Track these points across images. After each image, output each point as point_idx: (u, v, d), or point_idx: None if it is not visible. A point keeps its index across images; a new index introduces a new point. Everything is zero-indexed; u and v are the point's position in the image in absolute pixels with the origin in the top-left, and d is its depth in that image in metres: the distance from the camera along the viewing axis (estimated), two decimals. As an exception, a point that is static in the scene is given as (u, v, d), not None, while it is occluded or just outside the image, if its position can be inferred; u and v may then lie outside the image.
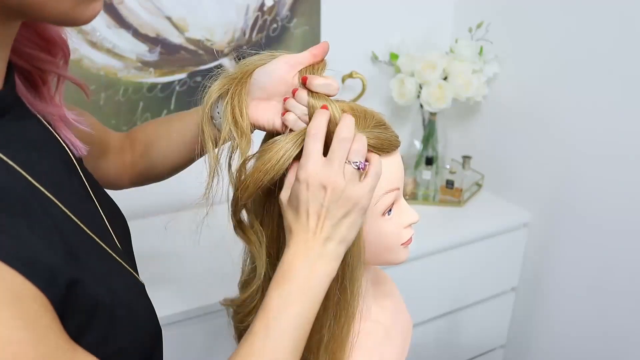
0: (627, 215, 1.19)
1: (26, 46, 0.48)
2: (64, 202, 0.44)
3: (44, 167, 0.45)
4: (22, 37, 0.47)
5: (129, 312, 0.47)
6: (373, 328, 0.68)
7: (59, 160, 0.50)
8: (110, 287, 0.45)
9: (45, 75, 0.50)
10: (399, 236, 0.63)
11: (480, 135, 1.55)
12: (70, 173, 0.51)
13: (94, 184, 0.55)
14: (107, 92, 1.21)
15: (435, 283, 1.34)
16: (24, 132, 0.45)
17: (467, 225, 1.36)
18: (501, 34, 1.39)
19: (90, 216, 0.49)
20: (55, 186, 0.44)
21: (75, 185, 0.51)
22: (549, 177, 1.36)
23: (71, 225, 0.44)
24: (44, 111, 0.50)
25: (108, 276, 0.47)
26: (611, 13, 1.13)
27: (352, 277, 0.59)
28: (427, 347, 1.42)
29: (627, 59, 1.12)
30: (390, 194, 0.60)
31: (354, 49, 1.47)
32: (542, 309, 1.46)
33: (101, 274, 0.45)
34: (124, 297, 0.47)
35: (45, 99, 0.51)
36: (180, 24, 1.23)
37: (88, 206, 0.51)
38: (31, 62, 0.49)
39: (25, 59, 0.48)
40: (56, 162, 0.49)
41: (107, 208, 0.55)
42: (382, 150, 0.58)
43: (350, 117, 0.55)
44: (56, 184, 0.45)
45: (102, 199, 0.55)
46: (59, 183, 0.46)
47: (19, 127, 0.45)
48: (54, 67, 0.50)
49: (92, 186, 0.54)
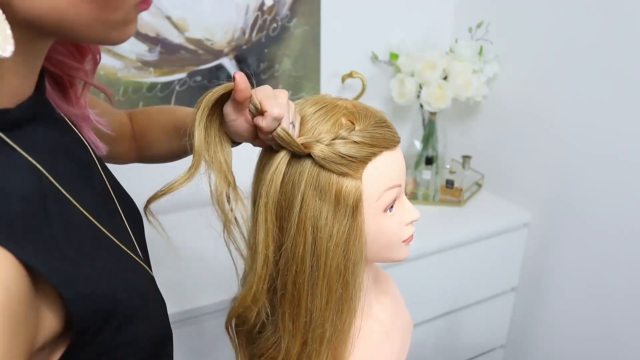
0: (627, 215, 1.19)
1: (59, 53, 0.50)
2: (82, 203, 0.45)
3: (66, 169, 0.47)
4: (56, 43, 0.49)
5: (143, 306, 0.49)
6: (374, 326, 0.69)
7: (81, 161, 0.51)
8: (126, 283, 0.47)
9: (73, 79, 0.53)
10: (401, 233, 0.63)
11: (480, 135, 1.55)
12: (91, 173, 0.53)
13: (114, 183, 0.57)
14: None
15: (435, 283, 1.34)
16: (50, 135, 0.47)
17: (467, 225, 1.36)
18: (501, 34, 1.39)
19: (108, 215, 0.51)
20: (76, 188, 0.46)
21: (96, 185, 0.53)
22: (549, 177, 1.36)
23: (88, 226, 0.46)
24: (69, 112, 0.53)
25: (123, 273, 0.48)
26: (611, 13, 1.13)
27: (354, 273, 0.60)
28: (427, 347, 1.42)
29: (627, 59, 1.12)
30: (392, 190, 0.60)
31: (354, 49, 1.47)
32: (542, 309, 1.46)
33: (116, 271, 0.47)
34: (139, 292, 0.49)
35: (72, 101, 0.53)
36: (180, 24, 1.23)
37: (107, 205, 0.53)
38: (61, 69, 0.51)
39: (56, 65, 0.51)
40: (78, 164, 0.50)
41: (124, 205, 0.57)
42: (381, 147, 0.59)
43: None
44: (77, 185, 0.47)
45: (121, 197, 0.58)
46: (80, 184, 0.48)
47: (46, 130, 0.46)
48: (82, 74, 0.53)
49: (112, 184, 0.56)
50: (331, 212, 0.57)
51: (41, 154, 0.43)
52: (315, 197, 0.57)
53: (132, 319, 0.46)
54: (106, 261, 0.46)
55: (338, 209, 0.57)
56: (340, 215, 0.58)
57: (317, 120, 0.59)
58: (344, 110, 0.60)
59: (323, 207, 0.57)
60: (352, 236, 0.59)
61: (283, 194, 0.58)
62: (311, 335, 0.58)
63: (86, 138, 0.54)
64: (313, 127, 0.58)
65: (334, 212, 0.57)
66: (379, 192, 0.59)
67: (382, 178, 0.59)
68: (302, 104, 0.62)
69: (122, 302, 0.45)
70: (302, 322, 0.61)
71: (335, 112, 0.59)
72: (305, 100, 0.62)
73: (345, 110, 0.60)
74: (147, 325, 0.49)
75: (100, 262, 0.45)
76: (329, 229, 0.57)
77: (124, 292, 0.46)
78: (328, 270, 0.59)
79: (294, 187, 0.58)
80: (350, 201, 0.57)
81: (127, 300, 0.46)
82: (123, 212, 0.55)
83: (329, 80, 1.46)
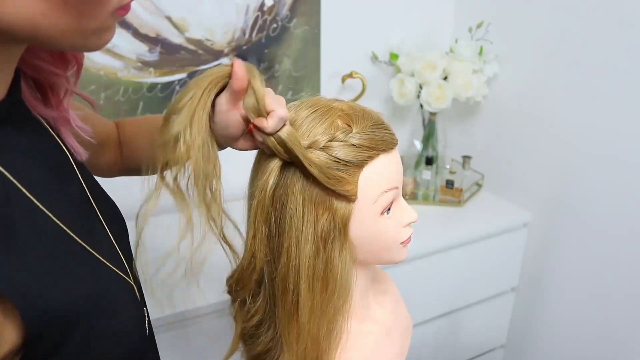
0: (627, 215, 1.19)
1: (38, 58, 0.48)
2: (53, 210, 0.43)
3: (40, 175, 0.45)
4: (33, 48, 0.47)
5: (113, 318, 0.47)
6: (373, 328, 0.68)
7: (58, 166, 0.49)
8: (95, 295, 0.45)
9: (54, 85, 0.50)
10: (398, 235, 0.62)
11: (480, 135, 1.55)
12: (69, 178, 0.50)
13: (93, 187, 0.55)
14: (107, 92, 1.21)
15: (435, 283, 1.34)
16: (22, 140, 0.45)
17: (467, 225, 1.36)
18: (501, 34, 1.39)
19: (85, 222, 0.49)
20: (48, 195, 0.44)
21: (72, 191, 0.50)
22: (549, 177, 1.36)
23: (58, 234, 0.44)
24: (47, 115, 0.50)
25: (94, 284, 0.46)
26: (611, 13, 1.13)
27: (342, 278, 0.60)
28: (427, 347, 1.42)
29: (627, 59, 1.12)
30: (389, 192, 0.59)
31: (354, 49, 1.47)
32: (542, 309, 1.46)
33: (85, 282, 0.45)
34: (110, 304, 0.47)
35: (52, 105, 0.50)
36: (180, 24, 1.23)
37: (84, 212, 0.51)
38: (41, 74, 0.49)
39: (36, 70, 0.48)
40: (54, 169, 0.48)
41: (105, 211, 0.54)
42: (377, 149, 0.58)
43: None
44: (49, 192, 0.44)
45: (101, 202, 0.55)
46: (52, 191, 0.46)
47: (18, 134, 0.44)
48: (64, 80, 0.50)
49: (92, 190, 0.53)
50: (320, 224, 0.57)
51: (10, 159, 0.41)
52: (307, 207, 0.57)
53: (99, 334, 0.44)
54: (75, 271, 0.44)
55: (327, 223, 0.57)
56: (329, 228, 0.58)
57: (311, 124, 0.57)
58: (340, 112, 0.58)
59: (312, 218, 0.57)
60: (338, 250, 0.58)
61: (274, 200, 0.58)
62: (303, 335, 0.58)
63: (65, 142, 0.51)
64: (308, 131, 0.57)
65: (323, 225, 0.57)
66: (376, 194, 0.58)
67: (379, 181, 0.58)
68: (296, 107, 0.60)
69: (86, 316, 0.43)
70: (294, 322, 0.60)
71: (331, 115, 0.58)
72: (300, 103, 0.61)
73: (341, 112, 0.58)
74: (118, 338, 0.47)
75: (68, 272, 0.43)
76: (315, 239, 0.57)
77: (91, 305, 0.44)
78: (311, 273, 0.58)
79: (286, 194, 0.57)
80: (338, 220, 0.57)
81: (92, 315, 0.43)
82: (104, 218, 0.53)
83: (329, 80, 1.46)
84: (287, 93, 1.41)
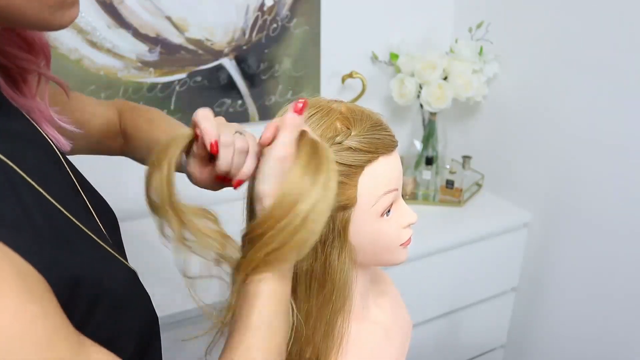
0: (627, 215, 1.19)
1: (7, 44, 0.49)
2: (53, 195, 0.44)
3: (32, 160, 0.45)
4: (3, 37, 0.48)
5: (123, 299, 0.47)
6: (372, 328, 0.68)
7: (46, 155, 0.50)
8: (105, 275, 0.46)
9: (25, 73, 0.51)
10: (398, 237, 0.62)
11: (480, 135, 1.55)
12: (58, 168, 0.51)
13: (81, 179, 0.55)
14: (107, 92, 1.21)
15: (435, 283, 1.34)
16: (10, 126, 0.46)
17: (467, 225, 1.36)
18: (501, 34, 1.39)
19: (79, 210, 0.49)
20: (44, 179, 0.44)
21: (63, 179, 0.50)
22: (549, 177, 1.36)
23: (62, 218, 0.44)
24: (26, 107, 0.51)
25: (101, 265, 0.47)
26: (611, 12, 1.13)
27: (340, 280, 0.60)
28: (427, 347, 1.42)
29: (627, 59, 1.12)
30: (389, 194, 0.59)
31: (354, 49, 1.47)
32: (542, 309, 1.46)
33: (95, 263, 0.45)
34: (118, 285, 0.47)
35: (26, 96, 0.51)
36: (180, 24, 1.23)
37: (77, 200, 0.51)
38: (12, 61, 0.50)
39: (6, 57, 0.49)
40: (44, 156, 0.49)
41: (94, 203, 0.54)
42: (377, 152, 0.57)
43: None
44: (45, 176, 0.45)
45: (90, 194, 0.55)
46: (48, 176, 0.46)
47: (5, 121, 0.45)
48: (36, 66, 0.51)
49: (79, 181, 0.54)
50: None
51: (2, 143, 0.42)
52: None
53: (119, 305, 0.45)
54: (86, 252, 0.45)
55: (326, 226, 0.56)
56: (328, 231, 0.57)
57: (311, 127, 0.56)
58: (339, 114, 0.58)
59: None
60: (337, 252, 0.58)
61: None
62: (300, 336, 0.58)
63: (46, 134, 0.51)
64: None
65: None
66: (375, 197, 0.58)
67: (379, 183, 0.58)
68: None
69: (108, 290, 0.44)
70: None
71: (330, 117, 0.57)
72: None
73: (340, 115, 0.58)
74: (133, 313, 0.48)
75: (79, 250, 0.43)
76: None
77: (108, 280, 0.45)
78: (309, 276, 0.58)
79: None
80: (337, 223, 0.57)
81: (112, 288, 0.45)
82: (93, 208, 0.53)
83: (329, 81, 1.46)
84: (287, 93, 1.41)
